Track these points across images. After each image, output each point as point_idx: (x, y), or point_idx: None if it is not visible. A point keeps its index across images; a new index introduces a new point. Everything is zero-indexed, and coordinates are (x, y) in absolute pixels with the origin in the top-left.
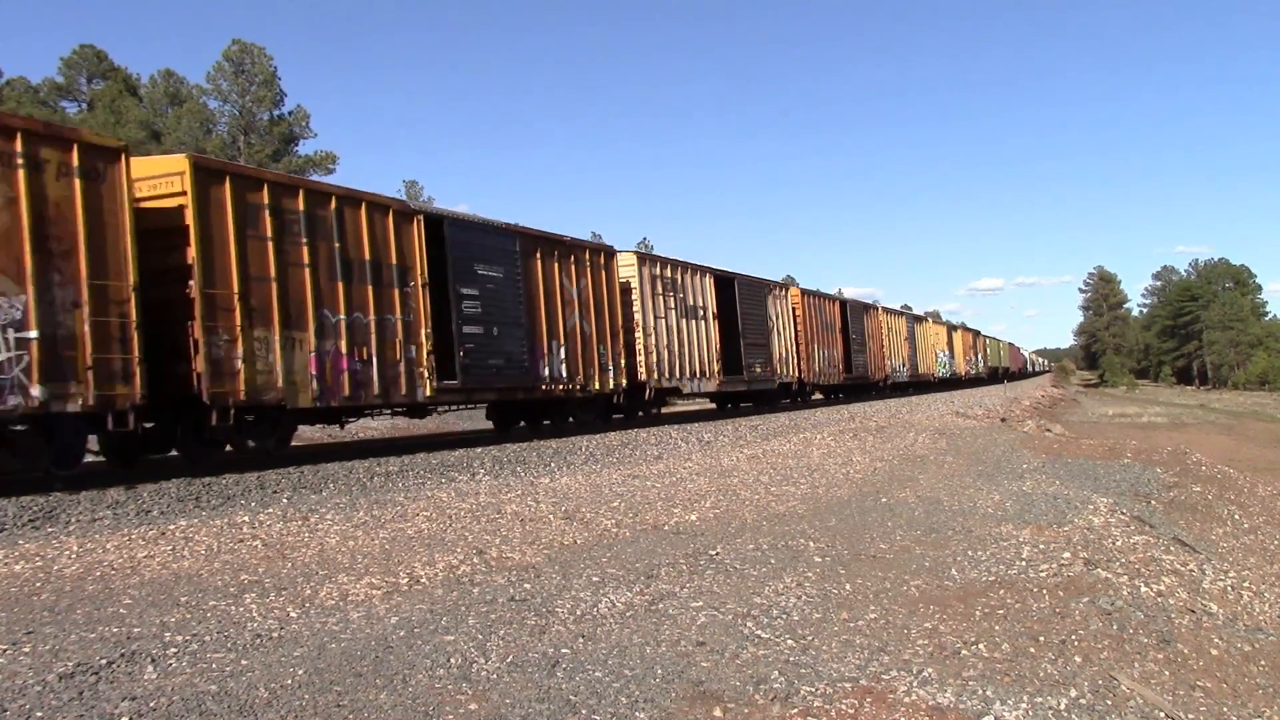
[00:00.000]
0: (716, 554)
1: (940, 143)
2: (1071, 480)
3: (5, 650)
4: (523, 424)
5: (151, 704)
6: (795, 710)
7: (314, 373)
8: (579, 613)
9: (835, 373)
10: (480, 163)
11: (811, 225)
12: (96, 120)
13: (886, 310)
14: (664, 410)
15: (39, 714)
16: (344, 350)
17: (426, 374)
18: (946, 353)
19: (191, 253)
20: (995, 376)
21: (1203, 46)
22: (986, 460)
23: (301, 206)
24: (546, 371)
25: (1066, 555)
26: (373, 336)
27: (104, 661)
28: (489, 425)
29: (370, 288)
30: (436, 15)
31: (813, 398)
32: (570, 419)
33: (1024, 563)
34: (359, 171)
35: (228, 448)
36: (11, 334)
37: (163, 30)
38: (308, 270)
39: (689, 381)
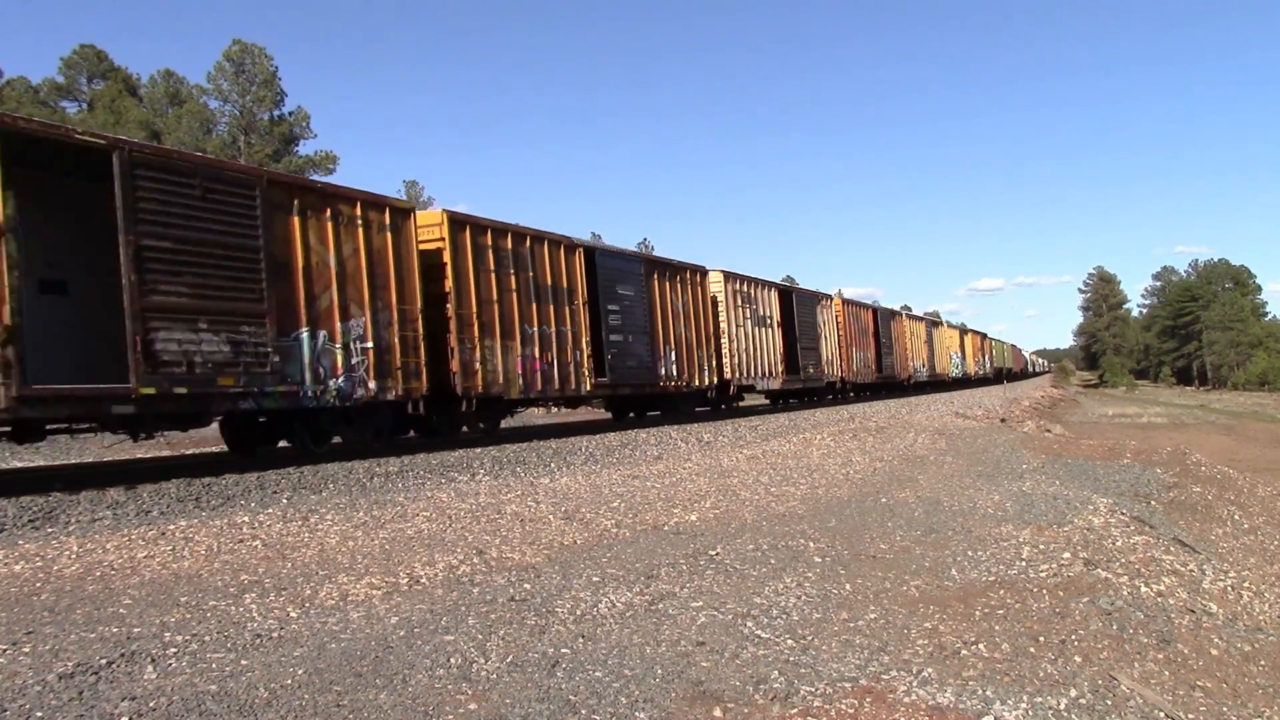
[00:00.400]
0: (716, 554)
1: (940, 143)
2: (1071, 480)
3: (5, 650)
4: (631, 415)
5: (151, 704)
6: (795, 710)
7: (519, 371)
8: (579, 613)
9: (869, 372)
10: (480, 163)
11: (811, 225)
12: (96, 120)
13: (910, 316)
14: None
15: (39, 714)
16: (536, 355)
17: (586, 373)
18: (959, 354)
19: (449, 283)
20: (1000, 376)
21: (1203, 46)
22: (986, 460)
23: (509, 245)
24: (664, 370)
25: (1066, 555)
26: (554, 344)
27: (104, 661)
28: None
29: (551, 306)
30: (437, 15)
31: (849, 394)
32: (675, 410)
33: (1024, 563)
34: (359, 172)
35: (464, 428)
36: (357, 345)
37: (163, 30)
38: (515, 294)
39: (760, 380)
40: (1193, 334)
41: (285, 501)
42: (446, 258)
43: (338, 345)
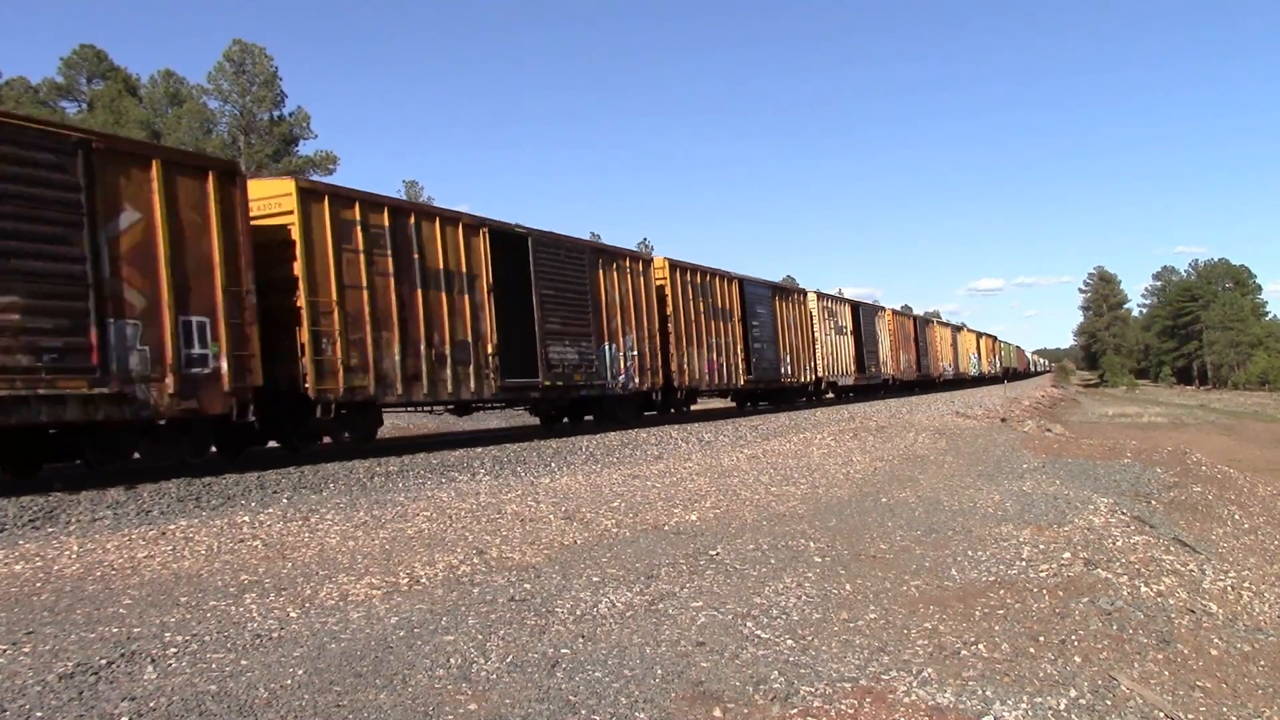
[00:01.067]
0: (716, 554)
1: (940, 143)
2: (1071, 480)
3: (5, 650)
4: (749, 404)
5: (151, 704)
6: (795, 710)
7: (706, 372)
8: (579, 613)
9: (912, 371)
10: (480, 163)
11: (811, 225)
12: (96, 120)
13: (940, 322)
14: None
15: (39, 714)
16: (714, 359)
17: (740, 371)
18: (976, 355)
19: (670, 307)
20: (1008, 374)
21: (1203, 46)
22: (987, 460)
23: (697, 280)
24: (784, 370)
25: (1066, 555)
26: (724, 350)
27: (104, 661)
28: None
29: (724, 324)
30: (437, 15)
31: (896, 390)
32: (790, 400)
33: (1024, 563)
34: (359, 172)
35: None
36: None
37: (163, 30)
38: (704, 316)
39: (840, 377)
40: (1193, 334)
41: (285, 501)
42: (295, 235)
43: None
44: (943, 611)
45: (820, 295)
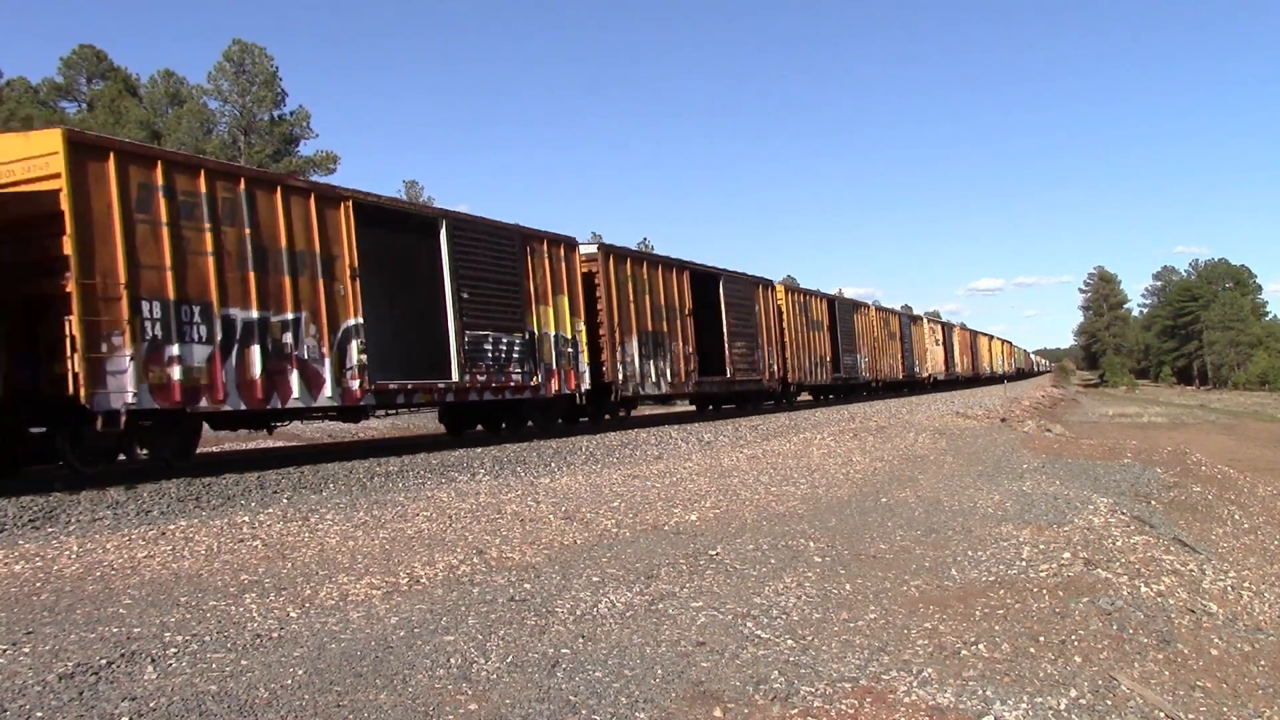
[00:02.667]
0: (716, 554)
1: (940, 143)
2: (1071, 480)
3: (5, 650)
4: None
5: (151, 704)
6: (795, 710)
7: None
8: (579, 613)
9: (941, 371)
10: (480, 163)
11: (811, 225)
12: (96, 121)
13: (963, 328)
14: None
15: (39, 714)
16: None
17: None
18: (1001, 358)
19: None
20: (1019, 373)
21: (1203, 46)
22: (986, 460)
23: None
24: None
25: (1066, 555)
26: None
27: (104, 661)
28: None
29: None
30: (437, 15)
31: (930, 387)
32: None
33: (1024, 563)
34: (359, 171)
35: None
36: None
37: (163, 30)
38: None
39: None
40: (1193, 334)
41: (285, 501)
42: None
43: None
44: (943, 611)
45: (881, 309)
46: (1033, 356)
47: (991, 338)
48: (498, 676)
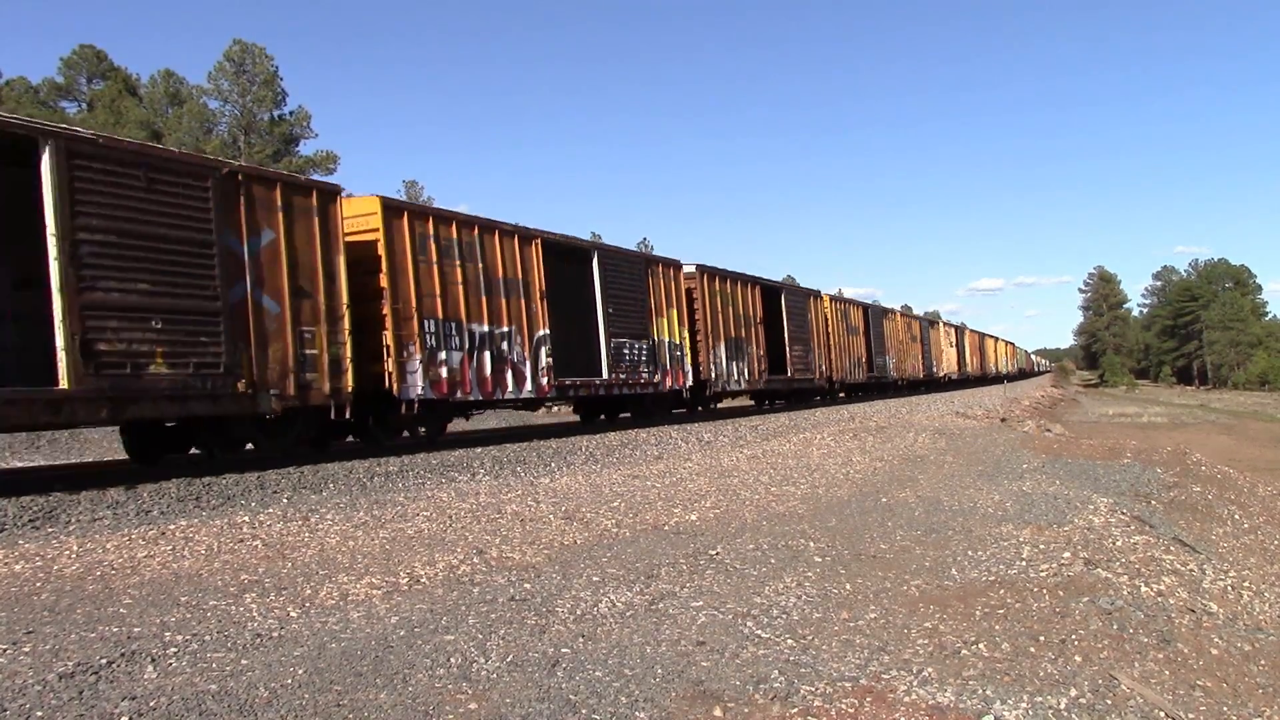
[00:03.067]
0: (716, 554)
1: (940, 143)
2: (1071, 480)
3: (5, 650)
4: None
5: (151, 704)
6: (795, 710)
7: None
8: (579, 612)
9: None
10: (480, 163)
11: (811, 225)
12: (96, 120)
13: (971, 331)
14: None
15: (39, 714)
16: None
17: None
18: (1000, 357)
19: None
20: (1022, 373)
21: (1203, 46)
22: (986, 460)
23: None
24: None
25: (1066, 555)
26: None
27: (104, 661)
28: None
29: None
30: (437, 15)
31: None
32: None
33: (1024, 563)
34: (359, 171)
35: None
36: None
37: (163, 30)
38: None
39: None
40: (1193, 334)
41: (285, 501)
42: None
43: None
44: (943, 611)
45: (951, 325)
46: (1033, 356)
47: (996, 339)
48: (498, 676)
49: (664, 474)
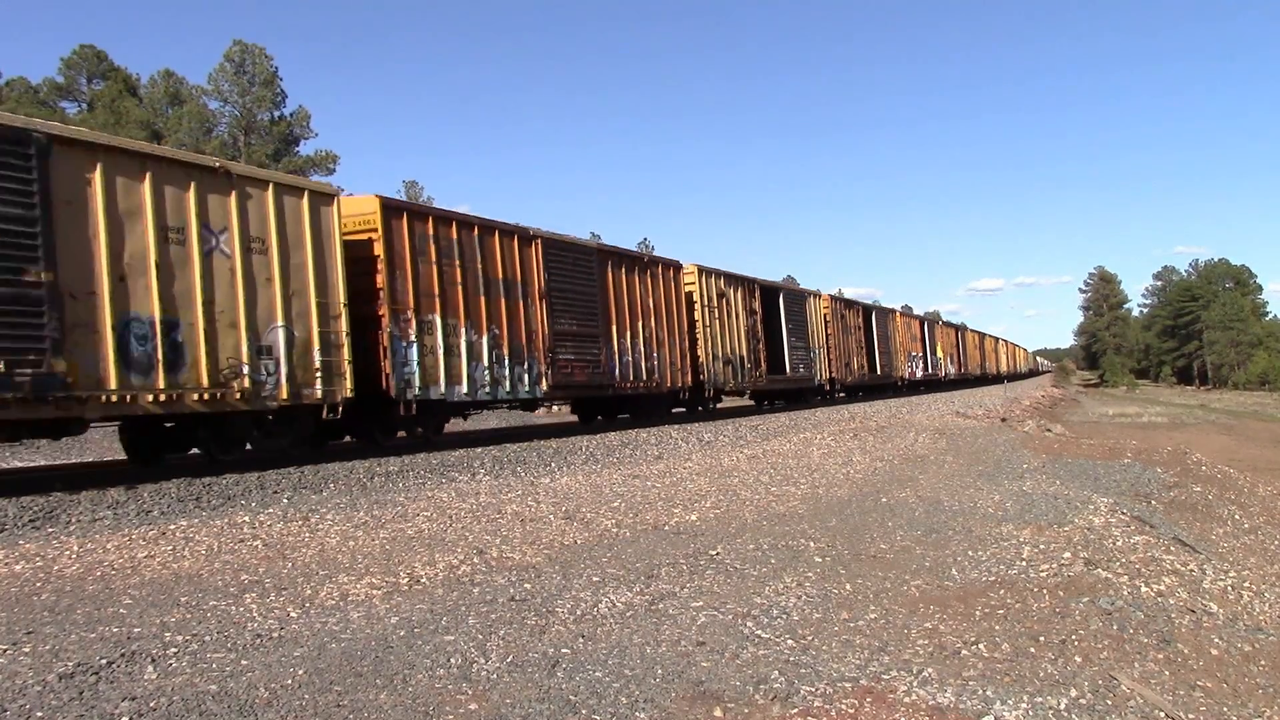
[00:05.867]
0: (717, 554)
1: (940, 143)
2: (1072, 480)
3: (5, 650)
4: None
5: (151, 704)
6: (795, 710)
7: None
8: (579, 613)
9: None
10: (480, 163)
11: (811, 225)
12: (96, 120)
13: (991, 336)
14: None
15: (39, 714)
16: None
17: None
18: (1010, 359)
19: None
20: (1030, 372)
21: (1203, 46)
22: (987, 460)
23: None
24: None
25: (1067, 555)
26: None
27: (104, 661)
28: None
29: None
30: (437, 15)
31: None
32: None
33: (1024, 563)
34: (359, 171)
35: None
36: None
37: (163, 30)
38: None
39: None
40: (1193, 334)
41: (286, 501)
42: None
43: None
44: (943, 611)
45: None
46: (1032, 356)
47: (998, 340)
48: (498, 676)
49: (664, 474)
